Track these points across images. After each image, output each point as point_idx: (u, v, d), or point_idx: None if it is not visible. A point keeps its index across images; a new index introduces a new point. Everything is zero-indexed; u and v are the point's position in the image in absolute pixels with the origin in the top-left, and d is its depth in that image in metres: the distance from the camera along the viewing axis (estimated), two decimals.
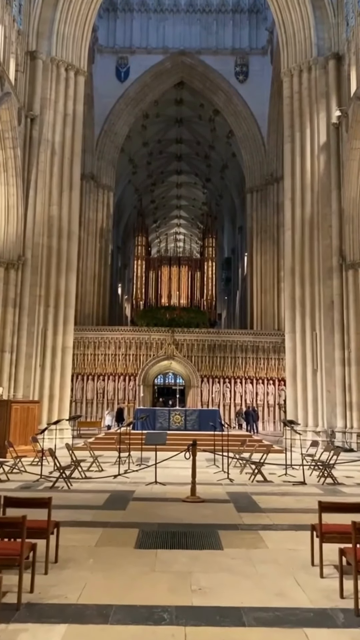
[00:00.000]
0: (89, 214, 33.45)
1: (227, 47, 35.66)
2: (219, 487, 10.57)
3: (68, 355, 21.89)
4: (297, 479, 11.69)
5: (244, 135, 35.70)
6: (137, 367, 30.75)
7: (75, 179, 22.74)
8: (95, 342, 30.96)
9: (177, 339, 30.84)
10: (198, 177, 50.83)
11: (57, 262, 21.71)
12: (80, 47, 23.21)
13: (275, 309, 32.22)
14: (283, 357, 30.65)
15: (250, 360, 30.93)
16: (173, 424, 19.81)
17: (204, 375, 30.82)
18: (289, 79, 23.00)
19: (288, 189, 22.49)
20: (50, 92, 22.18)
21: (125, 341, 31.05)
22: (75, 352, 30.28)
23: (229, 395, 30.80)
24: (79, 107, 23.17)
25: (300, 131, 22.38)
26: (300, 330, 21.37)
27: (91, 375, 30.79)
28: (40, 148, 21.70)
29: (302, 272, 21.57)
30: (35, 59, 21.89)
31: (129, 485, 10.61)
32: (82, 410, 30.49)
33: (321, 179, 21.60)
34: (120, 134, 36.21)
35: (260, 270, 33.43)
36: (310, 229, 21.61)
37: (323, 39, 22.34)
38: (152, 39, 35.70)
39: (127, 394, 30.67)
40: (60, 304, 21.59)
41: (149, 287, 35.00)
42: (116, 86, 35.48)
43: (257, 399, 30.82)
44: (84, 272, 32.51)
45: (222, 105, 36.36)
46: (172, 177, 51.46)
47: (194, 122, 42.37)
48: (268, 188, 33.91)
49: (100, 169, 34.88)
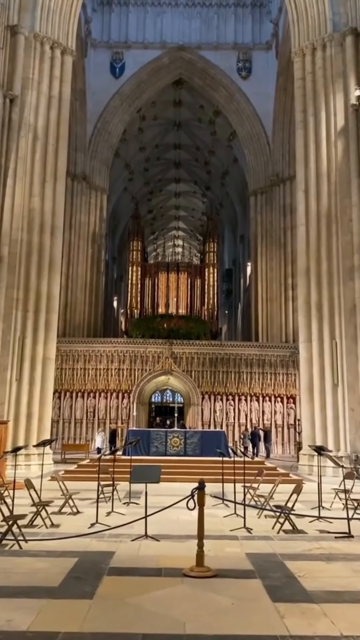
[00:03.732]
0: (80, 216, 30.84)
1: (228, 42, 33.44)
2: (234, 543, 7.65)
3: (49, 368, 19.01)
4: (334, 526, 8.80)
5: (247, 134, 33.32)
6: (132, 382, 27.83)
7: (60, 168, 20.11)
8: (86, 355, 28.08)
9: (176, 352, 27.96)
10: (197, 186, 48.54)
11: (38, 261, 18.97)
12: (68, 24, 20.81)
13: (282, 319, 29.43)
14: (292, 372, 27.99)
15: (255, 376, 28.04)
16: (171, 449, 16.86)
17: (205, 392, 27.89)
18: (301, 59, 20.56)
19: (301, 180, 19.91)
20: (33, 72, 19.67)
21: (118, 354, 28.17)
22: (63, 367, 27.64)
23: (232, 414, 27.83)
24: (66, 88, 20.64)
25: (314, 115, 19.88)
26: (317, 339, 18.57)
27: (80, 392, 27.83)
28: (20, 132, 19.14)
29: (319, 272, 18.86)
30: (16, 34, 19.43)
31: (109, 540, 7.65)
32: (71, 431, 27.54)
33: (339, 167, 19.03)
34: (115, 133, 33.81)
35: (265, 277, 30.74)
36: (327, 223, 18.97)
37: (339, 13, 19.98)
38: (149, 33, 33.48)
39: (120, 413, 27.68)
40: (41, 308, 18.78)
41: (145, 295, 32.22)
42: (110, 82, 33.15)
43: (264, 418, 27.86)
44: (74, 279, 29.78)
45: (223, 103, 34.06)
46: (170, 186, 49.19)
47: (194, 125, 40.15)
48: (274, 190, 31.40)
49: (92, 169, 32.39)
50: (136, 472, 7.62)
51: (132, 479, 7.84)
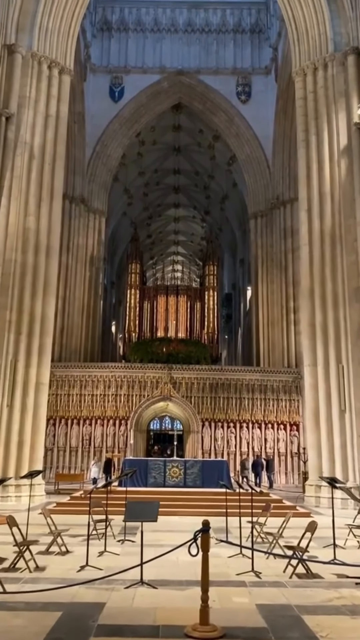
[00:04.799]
0: (78, 239, 30.31)
1: (227, 67, 33.48)
2: (242, 591, 6.72)
3: (43, 393, 18.14)
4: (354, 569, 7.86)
5: (246, 157, 33.09)
6: (129, 409, 26.87)
7: (56, 188, 19.61)
8: (82, 380, 27.19)
9: (175, 377, 27.08)
10: (197, 210, 48.30)
11: (32, 282, 18.29)
12: (66, 44, 20.57)
13: (284, 343, 28.64)
14: (295, 398, 27.14)
15: (257, 402, 27.13)
16: (170, 479, 15.90)
17: (205, 418, 26.93)
18: (302, 79, 20.26)
19: (304, 199, 19.39)
20: (30, 90, 19.33)
21: (115, 379, 27.27)
22: (58, 392, 26.80)
23: (234, 442, 26.81)
24: (64, 107, 20.28)
25: (316, 134, 19.47)
26: (323, 363, 17.76)
27: (76, 419, 26.86)
28: (16, 151, 18.67)
29: (323, 293, 18.17)
30: (13, 53, 19.14)
31: (99, 587, 6.70)
32: (65, 460, 26.48)
33: (343, 186, 18.52)
34: (114, 157, 33.57)
35: (266, 300, 30.06)
36: (331, 243, 18.37)
37: (340, 34, 19.74)
38: (148, 58, 33.54)
39: (117, 441, 26.65)
40: (34, 331, 18.02)
41: (143, 318, 31.48)
42: (110, 106, 33.06)
43: (267, 446, 26.85)
44: (71, 302, 29.08)
45: (223, 127, 33.93)
46: (169, 211, 48.93)
47: (193, 150, 40.05)
48: (274, 212, 30.99)
49: (91, 192, 32.02)
50: (131, 509, 6.74)
51: (126, 517, 6.95)
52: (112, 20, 34.01)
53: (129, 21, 33.96)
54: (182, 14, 34.00)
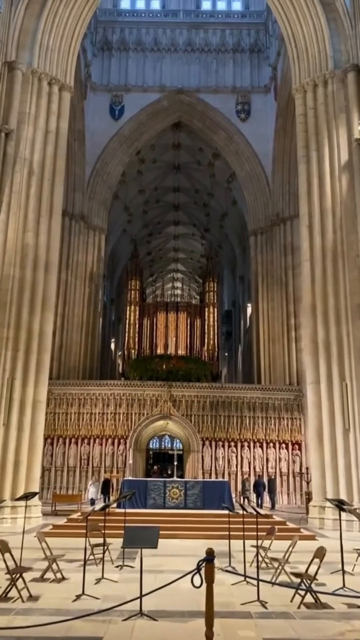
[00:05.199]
0: (77, 256, 30.14)
1: (227, 86, 33.68)
2: (248, 623, 6.31)
3: (40, 412, 17.77)
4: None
5: (246, 175, 33.11)
6: (128, 428, 26.41)
7: (56, 204, 19.48)
8: (80, 398, 26.78)
9: (175, 395, 26.67)
10: (196, 228, 48.31)
11: (30, 298, 18.04)
12: (66, 61, 20.62)
13: (285, 360, 28.29)
14: (297, 417, 26.75)
15: (259, 420, 26.69)
16: (170, 501, 15.44)
17: (206, 437, 26.46)
18: (302, 95, 20.27)
19: (305, 215, 19.25)
20: (29, 106, 19.31)
21: (114, 397, 26.86)
22: (56, 411, 26.41)
23: (235, 461, 26.30)
24: (63, 124, 20.24)
25: (316, 150, 19.41)
26: (326, 380, 17.44)
27: (74, 438, 26.38)
28: (15, 167, 18.57)
29: (326, 310, 17.92)
30: (13, 70, 19.17)
31: (96, 620, 6.29)
32: (63, 480, 25.95)
33: (344, 202, 18.40)
34: (114, 174, 33.59)
35: (267, 317, 29.79)
36: (333, 259, 18.18)
37: (339, 51, 19.83)
38: (148, 77, 33.76)
39: (115, 461, 26.14)
40: (32, 348, 17.71)
41: (143, 335, 31.15)
42: (110, 124, 33.18)
43: (268, 466, 26.33)
44: (70, 319, 28.80)
45: (222, 145, 34.02)
46: (169, 228, 48.94)
47: (193, 168, 40.17)
48: (274, 229, 30.89)
49: (91, 209, 31.95)
50: (130, 534, 6.36)
51: (124, 543, 6.57)
52: (112, 40, 34.30)
53: (129, 41, 34.25)
54: (181, 34, 34.30)
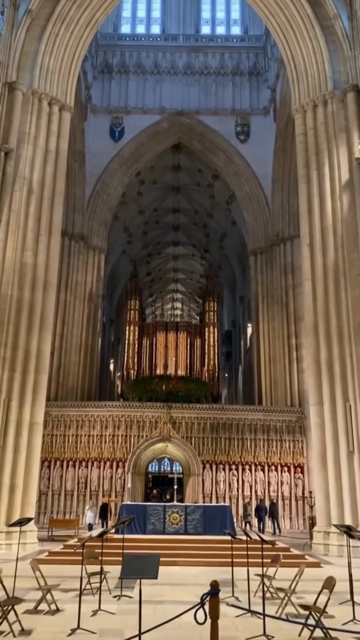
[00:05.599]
0: (77, 276, 29.99)
1: (226, 108, 33.99)
2: None
3: (37, 434, 17.36)
4: None
5: (246, 195, 33.19)
6: (127, 450, 25.91)
7: (55, 223, 19.36)
8: (78, 420, 26.34)
9: (175, 417, 26.22)
10: (196, 248, 48.37)
11: (28, 318, 17.79)
12: (67, 82, 20.72)
13: (287, 381, 27.91)
14: (299, 439, 26.31)
15: (260, 443, 26.21)
16: (170, 526, 14.96)
17: (206, 460, 25.94)
18: (302, 115, 20.32)
19: (305, 234, 19.13)
20: (29, 126, 19.33)
21: (113, 419, 26.41)
22: (54, 433, 25.98)
23: (236, 485, 25.75)
24: (63, 144, 20.24)
25: (317, 169, 19.37)
26: (329, 401, 17.09)
27: (72, 461, 25.87)
28: (14, 186, 18.49)
29: (328, 329, 17.66)
30: (14, 90, 19.24)
31: None
32: (60, 504, 25.37)
33: (345, 221, 18.29)
34: (114, 195, 33.66)
35: (268, 337, 29.51)
36: (334, 277, 17.99)
37: (339, 72, 19.95)
38: (148, 99, 34.08)
39: (114, 484, 25.58)
40: (29, 368, 17.39)
41: (142, 355, 30.84)
42: (110, 145, 33.38)
43: (270, 490, 25.77)
44: (68, 339, 28.51)
45: (222, 166, 34.18)
46: (168, 249, 48.98)
47: (192, 189, 40.33)
48: (274, 249, 30.82)
49: (91, 229, 31.92)
50: (128, 563, 5.98)
51: (122, 573, 6.17)
52: (112, 63, 34.71)
53: (130, 64, 34.66)
54: (181, 57, 34.73)
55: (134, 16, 37.21)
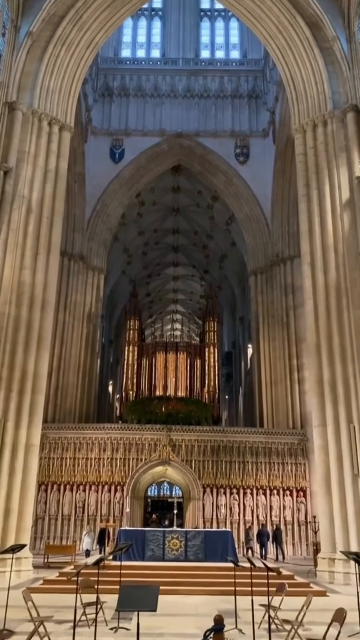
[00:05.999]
0: (76, 296, 29.74)
1: (226, 130, 34.19)
2: None
3: (33, 456, 16.92)
4: None
5: (245, 216, 33.19)
6: (126, 474, 25.34)
7: (54, 242, 19.21)
8: (76, 443, 25.80)
9: (174, 439, 25.71)
10: (196, 269, 48.34)
11: (25, 337, 17.49)
12: (67, 102, 20.79)
13: (289, 402, 27.45)
14: (301, 462, 25.79)
15: (262, 466, 25.65)
16: (169, 552, 14.44)
17: (207, 484, 25.34)
18: (302, 135, 20.34)
19: (306, 253, 18.97)
20: (29, 145, 19.30)
21: (111, 442, 25.88)
22: (51, 456, 25.49)
23: (237, 509, 25.13)
24: (63, 163, 20.21)
25: (317, 188, 19.30)
26: (332, 423, 16.69)
27: (69, 485, 25.26)
28: (13, 204, 18.38)
29: (331, 349, 17.37)
30: (14, 110, 19.26)
31: None
32: (57, 530, 24.71)
33: (346, 239, 18.15)
34: (114, 215, 33.66)
35: (269, 358, 29.14)
36: (336, 296, 17.76)
37: (338, 92, 20.04)
38: (148, 121, 34.32)
39: (112, 509, 24.96)
40: (26, 389, 17.04)
41: (141, 376, 30.40)
42: (110, 167, 33.47)
43: (272, 514, 25.14)
44: (66, 360, 28.13)
45: (222, 188, 34.25)
46: (168, 270, 48.95)
47: (192, 210, 40.43)
48: (274, 269, 30.66)
49: (90, 250, 31.81)
50: (125, 594, 5.57)
51: (119, 605, 5.73)
52: (113, 86, 35.04)
53: (130, 87, 34.99)
54: (181, 80, 35.09)
55: (134, 41, 37.74)
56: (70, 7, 20.84)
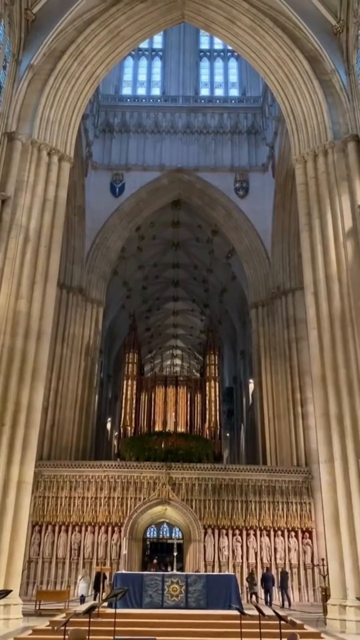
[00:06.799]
0: (74, 329, 29.20)
1: (225, 165, 34.39)
2: None
3: (25, 493, 16.04)
4: None
5: (245, 249, 33.02)
6: (123, 514, 24.24)
7: (52, 271, 18.81)
8: (72, 481, 24.79)
9: (174, 477, 24.73)
10: (195, 304, 48.03)
11: (20, 368, 16.86)
12: (67, 133, 20.75)
13: (292, 438, 26.53)
14: (306, 501, 24.83)
15: (265, 505, 24.58)
16: (169, 599, 13.43)
17: (208, 525, 24.23)
18: (302, 165, 20.23)
19: (309, 282, 18.56)
20: (28, 175, 19.12)
21: (109, 480, 24.87)
22: (46, 495, 24.53)
23: (240, 551, 23.94)
24: (62, 193, 20.01)
25: (319, 217, 19.04)
26: (340, 458, 15.89)
27: (64, 525, 24.14)
28: (11, 233, 18.05)
29: (337, 380, 16.73)
30: (13, 140, 19.16)
31: None
32: (51, 574, 23.51)
33: (350, 269, 17.76)
34: (113, 249, 33.50)
35: (271, 392, 28.37)
36: (341, 326, 17.23)
37: (338, 123, 20.01)
38: (148, 157, 34.56)
39: (109, 551, 23.78)
40: (19, 422, 16.30)
41: (140, 411, 29.54)
42: (110, 201, 33.50)
43: (277, 557, 23.94)
44: (63, 395, 27.35)
45: (222, 221, 34.23)
46: (168, 304, 48.63)
47: (192, 244, 40.39)
48: (275, 302, 30.24)
49: (89, 282, 31.47)
50: None
51: None
52: (114, 123, 35.43)
53: (130, 123, 35.39)
54: (181, 117, 35.51)
55: (135, 79, 38.44)
56: (71, 41, 21.09)
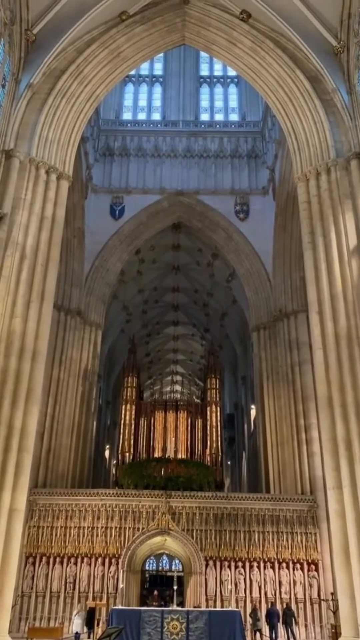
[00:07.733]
0: (72, 352, 28.51)
1: (226, 188, 34.26)
2: None
3: (17, 522, 15.21)
4: None
5: (246, 272, 32.61)
6: (121, 545, 23.17)
7: (48, 291, 18.35)
8: (68, 510, 23.80)
9: (174, 506, 23.73)
10: (196, 328, 47.51)
11: (13, 390, 16.24)
12: (66, 152, 20.55)
13: (296, 465, 25.55)
14: (311, 531, 23.85)
15: (269, 536, 23.50)
16: (168, 637, 12.48)
17: (209, 556, 23.11)
18: (305, 184, 19.96)
19: (314, 301, 18.06)
20: (25, 193, 18.85)
21: (106, 509, 23.86)
22: (40, 524, 23.61)
23: (243, 585, 22.81)
24: (60, 211, 19.69)
25: (323, 235, 18.67)
26: (349, 484, 15.11)
27: (59, 557, 23.06)
28: (7, 251, 17.67)
29: (344, 401, 16.06)
30: (11, 158, 18.92)
31: None
32: (45, 609, 22.35)
33: (356, 287, 17.31)
34: (113, 271, 33.09)
35: (274, 418, 27.49)
36: (348, 345, 16.68)
37: (340, 141, 19.83)
38: (148, 180, 34.47)
39: (105, 584, 22.64)
40: (11, 447, 15.58)
41: (139, 437, 28.62)
42: (110, 223, 33.24)
43: (281, 590, 22.79)
44: (60, 420, 26.49)
45: (222, 244, 33.93)
46: (168, 329, 48.15)
47: (192, 268, 40.11)
48: (277, 325, 29.63)
49: (88, 305, 30.94)
50: None
51: None
52: (114, 147, 35.46)
53: (131, 147, 35.41)
54: (181, 141, 35.55)
55: (136, 105, 38.69)
56: (71, 62, 21.10)
